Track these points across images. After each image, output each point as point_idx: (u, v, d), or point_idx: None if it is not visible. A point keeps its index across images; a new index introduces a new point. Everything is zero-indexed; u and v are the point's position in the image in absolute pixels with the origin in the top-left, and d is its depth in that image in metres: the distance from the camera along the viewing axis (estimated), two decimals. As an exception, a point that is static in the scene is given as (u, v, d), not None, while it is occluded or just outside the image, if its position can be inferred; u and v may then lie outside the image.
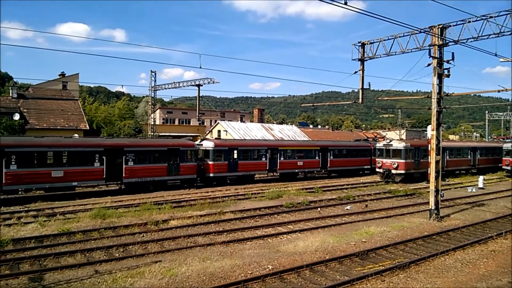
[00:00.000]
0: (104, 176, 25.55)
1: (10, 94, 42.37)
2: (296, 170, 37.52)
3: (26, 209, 20.15)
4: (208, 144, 31.79)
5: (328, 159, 38.98)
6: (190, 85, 49.41)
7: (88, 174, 24.90)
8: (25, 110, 39.30)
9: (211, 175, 31.18)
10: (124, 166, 26.32)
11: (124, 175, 26.37)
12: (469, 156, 42.59)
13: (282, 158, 35.51)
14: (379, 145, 36.23)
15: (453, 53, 18.70)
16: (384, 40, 21.12)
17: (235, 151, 32.76)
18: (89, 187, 28.15)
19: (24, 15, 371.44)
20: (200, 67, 27.77)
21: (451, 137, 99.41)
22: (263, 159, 34.41)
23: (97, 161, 25.14)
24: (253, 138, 53.42)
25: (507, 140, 50.56)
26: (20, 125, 35.48)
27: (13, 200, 22.59)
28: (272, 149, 35.08)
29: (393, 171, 33.94)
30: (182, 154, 29.38)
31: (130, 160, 26.60)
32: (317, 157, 38.15)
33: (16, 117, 35.90)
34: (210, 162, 31.10)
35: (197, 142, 32.19)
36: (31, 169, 22.78)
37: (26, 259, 11.98)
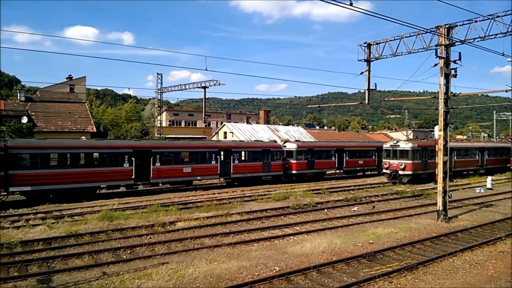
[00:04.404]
0: (218, 172, 30.90)
1: (18, 97, 42.80)
2: (358, 168, 42.27)
3: (34, 211, 20.32)
4: (291, 146, 36.60)
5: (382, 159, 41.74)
6: (196, 87, 49.63)
7: (208, 170, 30.35)
8: (33, 113, 39.66)
9: (294, 172, 35.97)
10: (232, 164, 31.45)
11: (231, 172, 31.56)
12: (477, 157, 42.24)
13: (347, 158, 40.42)
14: (386, 146, 36.10)
15: (460, 53, 18.61)
16: (390, 40, 21.04)
17: (312, 152, 37.47)
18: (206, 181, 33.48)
19: (33, 19, 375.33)
20: (206, 69, 28.22)
21: (458, 137, 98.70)
22: (333, 158, 39.30)
23: (213, 160, 30.50)
24: (326, 140, 55.60)
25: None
26: (28, 128, 35.81)
27: (21, 203, 22.80)
28: (339, 150, 39.94)
29: (400, 172, 33.76)
30: (273, 154, 34.37)
31: (236, 159, 31.87)
32: (373, 157, 42.23)
33: (24, 120, 36.24)
34: (293, 161, 35.94)
35: (281, 144, 37.56)
36: (169, 166, 28.19)
37: (35, 261, 12.07)
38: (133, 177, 26.33)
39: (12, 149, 22.15)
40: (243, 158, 32.52)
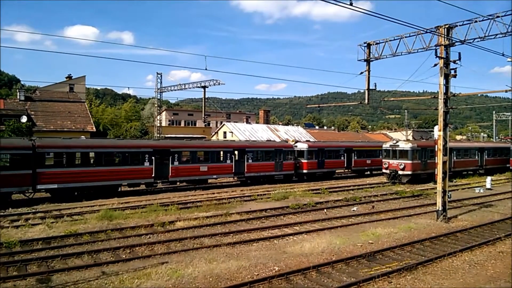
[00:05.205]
0: (233, 171, 31.85)
1: (18, 97, 42.78)
2: (366, 168, 43.30)
3: (33, 210, 20.29)
4: (302, 146, 37.40)
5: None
6: (196, 87, 49.56)
7: (223, 169, 31.26)
8: (32, 113, 39.62)
9: (305, 171, 36.88)
10: (246, 163, 32.43)
11: (245, 170, 32.51)
12: (476, 157, 42.26)
13: (355, 157, 41.30)
14: (386, 146, 36.15)
15: (459, 53, 18.59)
16: (390, 40, 21.02)
17: (322, 151, 38.40)
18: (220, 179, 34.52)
19: (34, 18, 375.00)
20: (206, 69, 28.18)
21: (458, 137, 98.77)
22: (342, 158, 40.23)
23: (228, 159, 31.39)
24: (335, 140, 56.28)
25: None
26: (28, 127, 35.78)
27: (21, 202, 22.77)
28: (348, 150, 40.82)
29: (400, 172, 33.78)
30: (285, 153, 35.29)
31: (249, 158, 32.80)
32: (380, 156, 42.25)
33: (24, 119, 36.19)
34: (304, 161, 36.74)
35: (292, 144, 38.21)
36: (187, 165, 29.27)
37: (34, 261, 12.05)
38: (153, 175, 27.24)
39: (39, 148, 22.91)
40: (256, 157, 33.38)
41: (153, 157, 27.16)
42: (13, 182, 21.74)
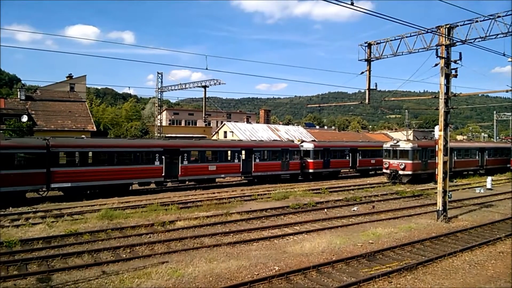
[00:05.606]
0: (241, 170, 32.23)
1: (18, 96, 42.76)
2: (370, 167, 43.67)
3: (34, 210, 20.29)
4: (308, 146, 37.83)
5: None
6: (197, 87, 49.59)
7: (231, 168, 31.77)
8: (33, 112, 39.64)
9: (311, 171, 37.25)
10: (253, 163, 32.92)
11: (253, 170, 33.09)
12: (477, 157, 42.24)
13: (360, 157, 41.84)
14: (386, 146, 36.14)
15: (460, 53, 18.63)
16: (390, 40, 21.02)
17: (328, 151, 38.82)
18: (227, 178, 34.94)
19: (35, 18, 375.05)
20: (207, 69, 27.90)
21: (458, 137, 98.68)
22: (347, 157, 40.69)
23: (236, 158, 31.98)
24: (340, 140, 56.49)
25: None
26: (28, 126, 35.79)
27: (21, 201, 22.77)
28: (353, 149, 41.38)
29: (400, 172, 33.76)
30: (291, 153, 35.73)
31: (257, 158, 33.34)
32: None
33: (24, 118, 36.20)
34: (310, 160, 37.16)
35: (298, 143, 38.71)
36: (196, 164, 29.74)
37: (34, 260, 12.06)
38: (163, 174, 27.66)
39: (53, 147, 23.33)
40: (263, 157, 33.81)
41: (163, 157, 27.54)
42: (28, 181, 22.20)
